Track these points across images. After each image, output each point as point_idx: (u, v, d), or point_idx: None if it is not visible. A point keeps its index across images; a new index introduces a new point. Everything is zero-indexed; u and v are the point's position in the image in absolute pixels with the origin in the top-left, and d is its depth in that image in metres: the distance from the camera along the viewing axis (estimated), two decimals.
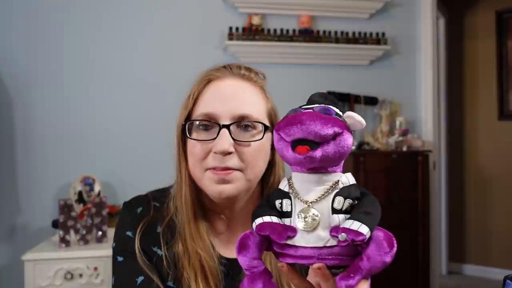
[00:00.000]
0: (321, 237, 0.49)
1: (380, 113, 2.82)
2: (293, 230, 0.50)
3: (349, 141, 0.50)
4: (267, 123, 0.80)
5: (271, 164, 0.84)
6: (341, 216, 0.49)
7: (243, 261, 0.53)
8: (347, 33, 2.79)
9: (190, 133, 0.78)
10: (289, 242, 0.50)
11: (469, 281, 3.65)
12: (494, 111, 3.72)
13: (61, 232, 1.99)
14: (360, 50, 2.79)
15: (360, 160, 2.54)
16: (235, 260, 0.82)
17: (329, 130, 0.47)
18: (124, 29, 2.54)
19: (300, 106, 0.54)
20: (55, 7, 2.46)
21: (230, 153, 0.74)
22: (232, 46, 2.59)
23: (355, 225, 0.47)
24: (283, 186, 0.54)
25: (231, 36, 2.58)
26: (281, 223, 0.52)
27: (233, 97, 0.78)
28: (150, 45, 2.55)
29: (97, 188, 2.33)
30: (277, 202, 0.53)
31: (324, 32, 2.75)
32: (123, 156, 2.48)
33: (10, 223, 2.37)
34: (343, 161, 0.53)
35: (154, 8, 2.58)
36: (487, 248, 3.72)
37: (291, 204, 0.52)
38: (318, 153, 0.48)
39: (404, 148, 2.69)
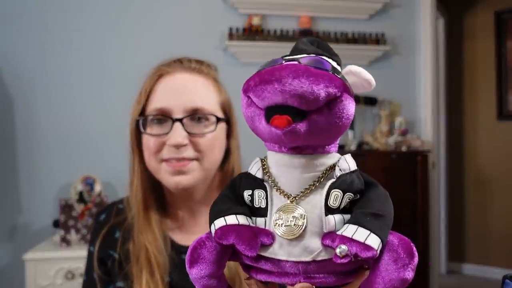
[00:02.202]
0: (309, 248, 0.35)
1: (380, 113, 2.83)
2: (268, 236, 0.35)
3: (349, 108, 0.35)
4: (220, 115, 0.81)
5: (228, 153, 0.86)
6: (338, 217, 0.35)
7: (197, 280, 0.38)
8: (346, 34, 2.79)
9: (144, 128, 0.80)
10: (263, 253, 0.35)
11: (469, 281, 3.66)
12: (493, 111, 3.73)
13: (62, 232, 2.00)
14: (360, 51, 2.79)
15: (359, 160, 2.55)
16: None
17: (321, 92, 0.32)
18: (124, 29, 2.54)
19: (283, 57, 0.38)
20: (58, 7, 2.47)
21: (184, 145, 0.77)
22: (232, 47, 2.60)
23: (360, 234, 0.33)
24: (255, 170, 0.38)
25: (231, 37, 2.59)
26: (251, 224, 0.37)
27: (184, 91, 0.79)
28: (150, 45, 2.55)
29: (97, 188, 2.34)
30: (246, 194, 0.38)
31: (324, 32, 2.76)
32: (123, 156, 2.48)
33: (11, 223, 2.38)
34: (339, 139, 0.39)
35: (155, 9, 2.58)
36: (487, 247, 3.72)
37: (267, 198, 0.37)
38: (302, 126, 0.33)
39: (404, 148, 2.70)
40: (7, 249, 2.36)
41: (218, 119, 0.80)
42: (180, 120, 0.77)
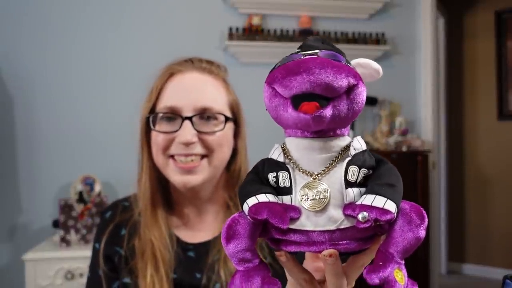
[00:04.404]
0: (333, 218, 0.39)
1: (380, 113, 2.83)
2: (295, 211, 0.40)
3: (364, 95, 0.40)
4: (229, 114, 0.83)
5: (235, 153, 0.87)
6: (356, 190, 0.40)
7: (233, 254, 0.42)
8: (346, 34, 2.79)
9: (154, 125, 0.81)
10: (292, 226, 0.40)
11: (469, 281, 3.66)
12: (494, 111, 3.73)
13: (61, 232, 2.00)
14: (360, 51, 2.79)
15: None
16: (202, 244, 0.85)
17: (343, 81, 0.37)
18: (124, 30, 2.54)
19: (297, 52, 0.42)
20: (58, 7, 2.46)
21: (193, 143, 0.78)
22: (232, 47, 2.59)
23: (378, 201, 0.38)
24: (276, 155, 0.43)
25: (231, 37, 2.59)
26: (279, 202, 0.41)
27: (194, 90, 0.81)
28: (150, 45, 2.55)
29: (97, 188, 2.34)
30: (271, 176, 0.42)
31: (324, 32, 2.75)
32: (123, 156, 2.48)
33: (11, 223, 2.38)
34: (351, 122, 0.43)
35: (154, 9, 2.58)
36: (487, 247, 3.72)
37: (290, 178, 0.41)
38: (328, 111, 0.38)
39: (404, 148, 2.70)
40: (7, 249, 2.36)
41: (227, 118, 0.82)
42: (190, 118, 0.78)
